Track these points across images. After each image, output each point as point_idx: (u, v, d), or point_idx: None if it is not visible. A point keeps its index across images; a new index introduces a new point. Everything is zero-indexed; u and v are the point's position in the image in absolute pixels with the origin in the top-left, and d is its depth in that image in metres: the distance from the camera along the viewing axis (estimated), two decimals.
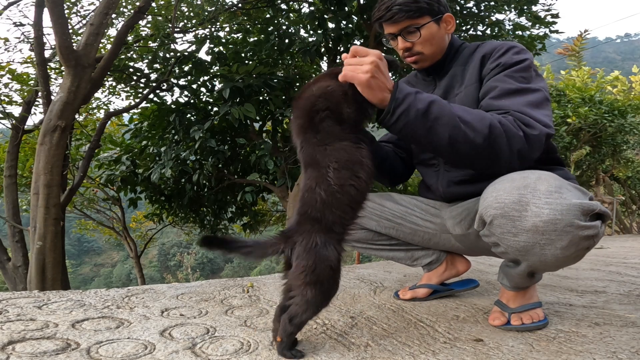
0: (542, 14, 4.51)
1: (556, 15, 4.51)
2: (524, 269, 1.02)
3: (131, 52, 5.10)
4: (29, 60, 5.44)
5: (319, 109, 0.91)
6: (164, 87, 4.99)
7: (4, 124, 5.31)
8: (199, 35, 5.16)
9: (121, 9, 5.24)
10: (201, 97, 4.99)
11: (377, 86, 0.91)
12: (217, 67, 4.82)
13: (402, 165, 1.38)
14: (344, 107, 0.92)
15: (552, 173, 0.96)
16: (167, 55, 4.80)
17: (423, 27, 1.15)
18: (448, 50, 1.23)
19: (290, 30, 4.77)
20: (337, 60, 4.91)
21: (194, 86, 4.90)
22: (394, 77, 5.19)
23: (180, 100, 4.98)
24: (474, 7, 4.43)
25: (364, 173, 0.90)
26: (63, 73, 3.69)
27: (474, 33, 4.72)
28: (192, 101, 4.91)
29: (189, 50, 4.86)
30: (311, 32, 4.64)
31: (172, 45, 4.85)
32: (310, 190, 0.88)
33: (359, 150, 0.91)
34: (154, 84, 5.02)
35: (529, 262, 0.98)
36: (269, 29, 4.73)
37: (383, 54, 0.94)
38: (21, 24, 5.11)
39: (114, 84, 5.77)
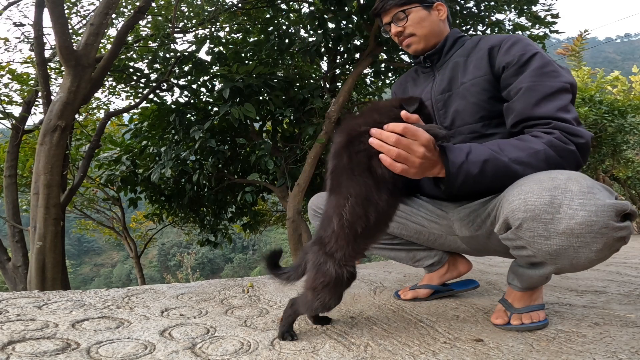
0: (542, 14, 4.50)
1: (556, 15, 4.50)
2: (547, 272, 1.00)
3: (131, 52, 5.09)
4: (29, 60, 5.43)
5: (358, 149, 0.96)
6: (164, 87, 4.98)
7: (4, 124, 5.30)
8: (199, 35, 5.15)
9: (121, 9, 5.23)
10: (201, 97, 4.98)
11: (429, 165, 0.93)
12: (217, 67, 4.82)
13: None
14: (378, 165, 0.94)
15: (580, 172, 0.93)
16: (167, 55, 4.80)
17: (410, 10, 1.28)
18: (445, 39, 1.29)
19: (290, 30, 4.77)
20: (337, 61, 4.91)
21: (194, 86, 4.89)
22: (394, 78, 5.18)
23: (180, 100, 4.98)
24: (474, 7, 4.43)
25: (374, 214, 0.97)
26: (63, 73, 3.68)
27: (474, 33, 4.72)
28: (192, 101, 4.90)
29: (189, 50, 4.86)
30: (311, 32, 4.64)
31: (172, 45, 4.85)
32: (328, 218, 1.01)
33: (379, 192, 0.96)
34: (154, 84, 5.01)
35: (558, 265, 0.94)
36: (269, 29, 4.73)
37: (424, 126, 0.93)
38: (21, 24, 5.10)
39: (114, 84, 5.75)
